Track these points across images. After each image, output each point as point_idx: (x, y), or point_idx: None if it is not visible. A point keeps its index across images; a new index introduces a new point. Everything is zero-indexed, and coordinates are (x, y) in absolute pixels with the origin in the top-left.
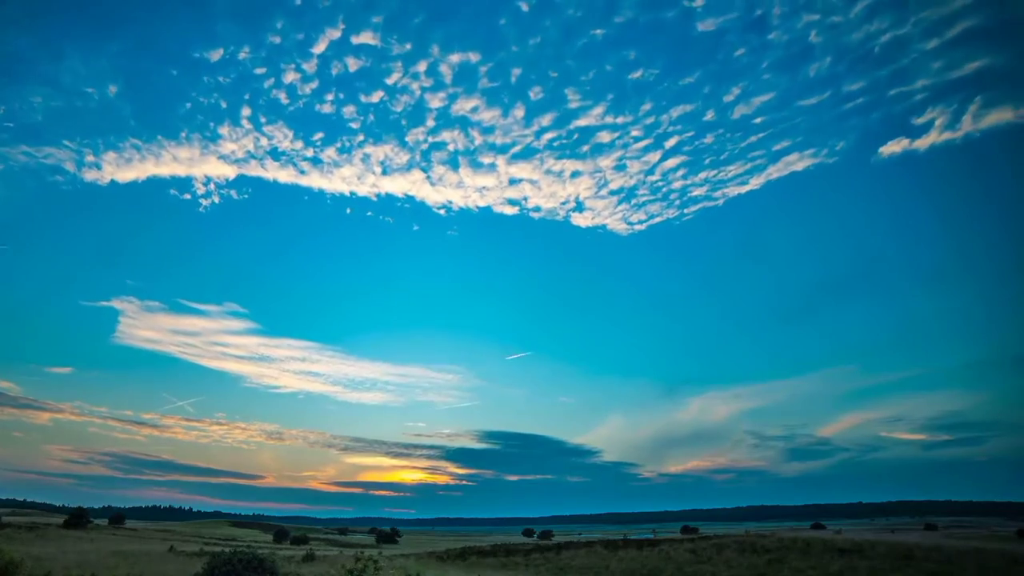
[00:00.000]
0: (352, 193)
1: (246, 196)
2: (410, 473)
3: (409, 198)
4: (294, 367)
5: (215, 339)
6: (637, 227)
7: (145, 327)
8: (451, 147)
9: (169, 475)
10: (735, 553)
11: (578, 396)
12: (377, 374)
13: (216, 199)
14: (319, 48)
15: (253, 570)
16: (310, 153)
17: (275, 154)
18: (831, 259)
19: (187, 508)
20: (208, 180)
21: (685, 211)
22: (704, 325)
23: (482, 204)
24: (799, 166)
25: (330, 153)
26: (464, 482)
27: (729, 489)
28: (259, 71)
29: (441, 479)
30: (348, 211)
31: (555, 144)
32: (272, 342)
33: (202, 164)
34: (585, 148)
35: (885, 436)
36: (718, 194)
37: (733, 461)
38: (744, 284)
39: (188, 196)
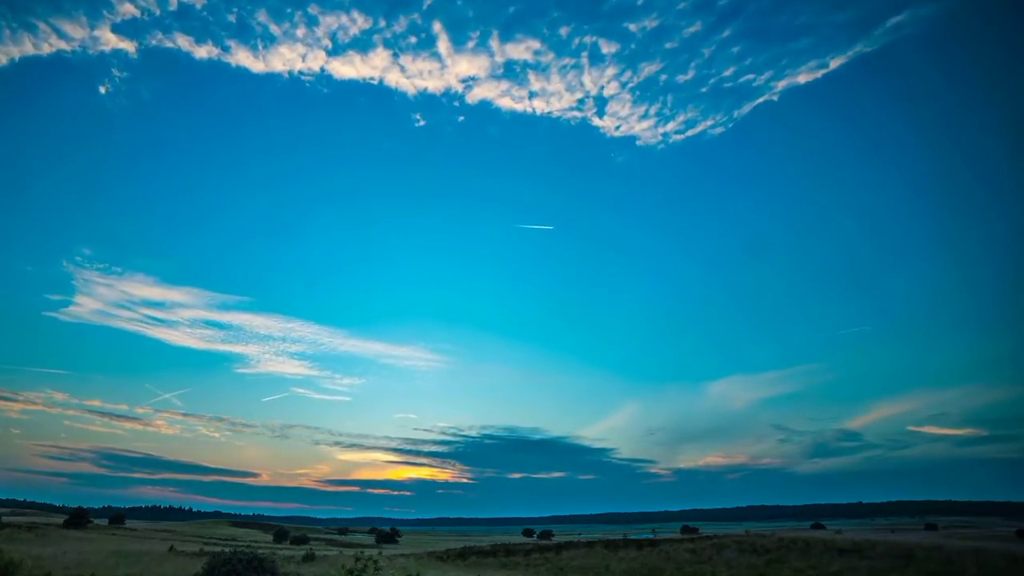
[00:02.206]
0: (294, 76)
1: (157, 84)
2: (407, 471)
3: (372, 87)
4: (274, 347)
5: (186, 315)
6: (675, 138)
7: (101, 298)
8: (426, 3)
9: (158, 473)
10: (735, 553)
11: (585, 383)
12: (361, 352)
13: (124, 99)
14: None
15: (253, 570)
16: (232, 18)
17: (185, 17)
18: (914, 189)
19: (187, 508)
20: (105, 61)
21: (735, 113)
22: (725, 296)
23: (471, 101)
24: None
25: (261, 18)
26: (464, 480)
27: (742, 487)
28: None
29: (440, 475)
30: (293, 114)
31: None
32: (247, 318)
33: (95, 41)
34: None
35: (914, 431)
36: (781, 84)
37: (752, 458)
38: (786, 232)
39: (92, 96)
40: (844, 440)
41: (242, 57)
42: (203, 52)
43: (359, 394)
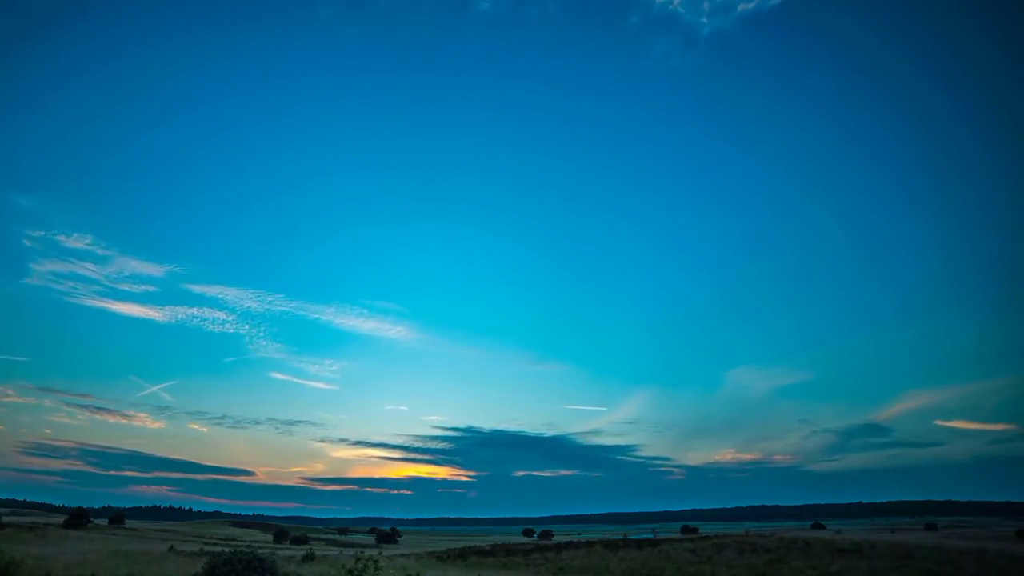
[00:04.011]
0: None
1: None
2: (405, 468)
3: None
4: (255, 329)
5: (149, 288)
6: (725, 16)
7: (53, 268)
8: None
9: (151, 472)
10: (735, 553)
11: (590, 380)
12: (348, 330)
13: None
14: None
15: (253, 570)
16: None
17: None
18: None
19: (187, 508)
20: None
21: None
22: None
23: None
24: None
25: None
26: (464, 478)
27: (749, 486)
28: None
29: (440, 473)
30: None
31: None
32: (218, 290)
33: None
34: None
35: (941, 425)
36: None
37: (765, 455)
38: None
39: None
40: (871, 435)
41: None
42: None
43: (346, 382)
